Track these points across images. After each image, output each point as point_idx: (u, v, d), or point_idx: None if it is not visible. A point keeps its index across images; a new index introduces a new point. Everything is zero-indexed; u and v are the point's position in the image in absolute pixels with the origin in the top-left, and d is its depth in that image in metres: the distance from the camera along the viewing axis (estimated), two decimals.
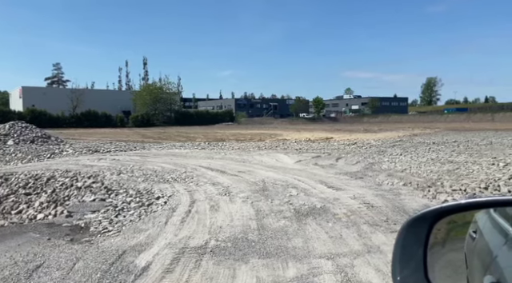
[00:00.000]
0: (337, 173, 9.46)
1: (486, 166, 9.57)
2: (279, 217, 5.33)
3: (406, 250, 1.14)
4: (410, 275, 1.11)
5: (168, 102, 62.14)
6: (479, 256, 1.46)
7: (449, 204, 1.17)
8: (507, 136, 22.00)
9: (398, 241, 1.15)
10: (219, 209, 5.98)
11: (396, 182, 7.76)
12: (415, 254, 1.12)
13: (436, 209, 1.16)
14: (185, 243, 4.39)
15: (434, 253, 1.25)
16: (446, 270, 1.43)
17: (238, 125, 58.15)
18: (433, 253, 1.23)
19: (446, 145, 17.16)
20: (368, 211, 5.50)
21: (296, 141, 21.57)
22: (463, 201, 1.20)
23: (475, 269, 1.41)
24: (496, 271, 1.27)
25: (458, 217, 1.42)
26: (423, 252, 1.13)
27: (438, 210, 1.16)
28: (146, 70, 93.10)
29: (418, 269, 1.10)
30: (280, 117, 78.89)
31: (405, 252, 1.14)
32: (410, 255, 1.13)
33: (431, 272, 1.12)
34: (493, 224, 1.46)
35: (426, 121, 59.94)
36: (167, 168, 10.80)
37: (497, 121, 52.58)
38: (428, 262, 1.13)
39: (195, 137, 26.15)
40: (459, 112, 74.83)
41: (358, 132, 32.64)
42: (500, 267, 1.27)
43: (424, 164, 10.51)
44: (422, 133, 28.54)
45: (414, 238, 1.15)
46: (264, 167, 10.80)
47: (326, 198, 6.38)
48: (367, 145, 18.41)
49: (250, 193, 7.11)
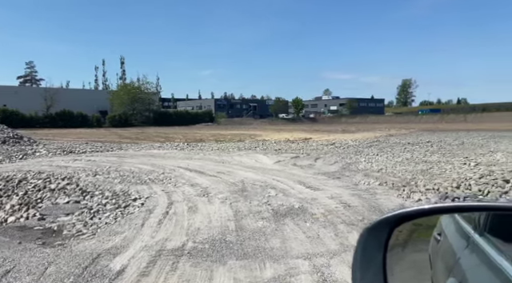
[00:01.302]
0: (315, 173, 9.56)
1: (458, 166, 9.89)
2: (258, 218, 5.34)
3: (366, 255, 1.13)
4: (371, 279, 1.11)
5: (146, 102, 61.20)
6: (443, 258, 1.48)
7: (409, 209, 1.16)
8: (478, 136, 22.83)
9: (359, 246, 1.14)
10: (197, 210, 5.93)
11: (372, 182, 7.91)
12: (375, 259, 1.11)
13: (396, 214, 1.16)
14: (162, 245, 4.33)
15: (395, 255, 1.26)
16: (409, 271, 1.45)
17: (217, 126, 57.89)
18: (394, 255, 1.23)
19: (421, 145, 17.63)
20: (345, 211, 5.59)
21: (275, 142, 21.66)
22: (424, 206, 1.22)
23: (439, 270, 1.44)
24: (458, 273, 1.30)
25: (423, 220, 1.45)
26: (383, 256, 1.12)
27: (398, 216, 1.16)
28: (123, 70, 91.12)
29: (378, 274, 1.11)
30: (260, 118, 79.04)
31: (365, 257, 1.13)
32: (371, 260, 1.12)
33: (390, 275, 1.13)
34: (456, 227, 1.48)
35: (401, 121, 61.45)
36: (145, 169, 10.64)
37: (469, 121, 54.49)
38: (388, 266, 1.13)
39: (174, 138, 25.85)
40: (433, 113, 77.11)
41: (336, 132, 33.10)
42: (462, 269, 1.30)
43: (399, 164, 10.76)
44: (397, 133, 29.23)
45: (375, 243, 1.14)
46: (243, 168, 10.80)
47: (304, 198, 6.44)
48: (345, 145, 18.69)
49: (228, 193, 7.09)
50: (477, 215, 1.34)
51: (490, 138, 20.62)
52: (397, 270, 1.28)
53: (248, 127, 51.60)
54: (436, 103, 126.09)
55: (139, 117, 59.72)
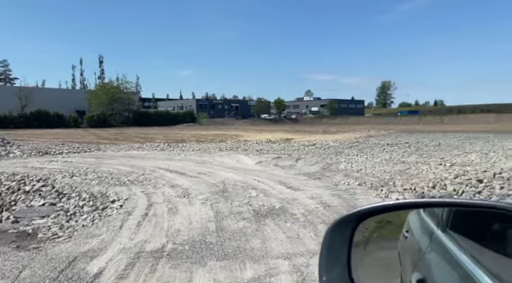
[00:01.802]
0: (296, 173, 9.62)
1: (434, 166, 10.16)
2: (238, 219, 5.34)
3: (331, 251, 1.14)
4: (336, 275, 1.13)
5: (126, 102, 60.10)
6: (410, 254, 1.52)
7: (370, 205, 1.17)
8: (454, 137, 23.53)
9: (324, 243, 1.15)
10: (177, 211, 5.87)
11: (352, 182, 8.03)
12: (340, 256, 1.13)
13: (359, 210, 1.17)
14: (140, 247, 4.26)
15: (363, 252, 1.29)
16: (379, 268, 1.48)
17: (199, 126, 57.49)
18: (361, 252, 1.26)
19: (399, 146, 18.03)
20: (325, 211, 5.65)
21: (257, 142, 21.70)
22: (385, 202, 1.23)
23: (406, 266, 1.48)
24: (423, 268, 1.34)
25: (394, 218, 1.48)
26: (348, 253, 1.14)
27: (361, 212, 1.17)
28: (102, 69, 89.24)
29: (343, 270, 1.12)
30: (242, 118, 78.98)
31: (331, 253, 1.14)
32: (336, 256, 1.13)
33: (355, 271, 1.14)
34: (421, 224, 1.52)
35: (381, 122, 62.62)
36: (124, 170, 10.46)
37: (445, 123, 56.02)
38: (355, 262, 1.15)
39: (154, 138, 25.52)
40: (411, 114, 78.84)
41: (318, 133, 33.43)
42: (426, 264, 1.35)
43: (378, 164, 10.97)
44: (377, 134, 29.77)
45: (340, 239, 1.15)
46: (225, 168, 10.77)
47: (284, 199, 6.47)
48: (326, 146, 18.90)
49: (209, 194, 7.05)
50: (440, 212, 1.38)
51: (465, 139, 21.29)
52: (364, 266, 1.31)
53: (230, 127, 51.49)
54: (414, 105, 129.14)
55: (118, 117, 58.63)
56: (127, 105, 60.78)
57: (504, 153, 12.70)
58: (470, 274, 0.98)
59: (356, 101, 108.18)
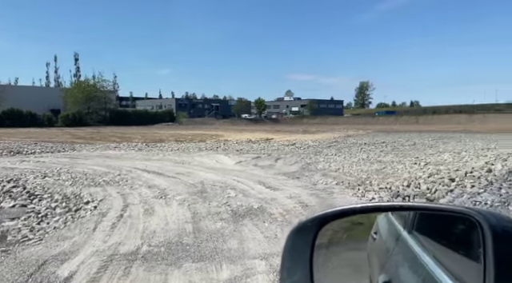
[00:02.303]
0: (275, 173, 9.64)
1: (409, 165, 10.40)
2: (216, 219, 5.29)
3: (294, 255, 1.12)
4: (298, 279, 1.12)
5: (102, 101, 58.75)
6: (377, 256, 1.52)
7: (334, 209, 1.16)
8: (428, 137, 24.17)
9: (286, 247, 1.13)
10: (154, 212, 5.77)
11: (330, 181, 8.11)
12: (303, 258, 1.11)
13: (323, 214, 1.16)
14: (114, 250, 4.16)
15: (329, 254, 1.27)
16: (347, 269, 1.48)
17: (178, 126, 56.86)
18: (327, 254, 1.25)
19: (376, 145, 18.37)
20: (303, 210, 5.68)
21: (237, 142, 21.64)
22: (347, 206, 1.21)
23: (374, 268, 1.48)
24: (389, 270, 1.34)
25: (363, 219, 1.49)
26: (310, 255, 1.12)
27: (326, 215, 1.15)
28: (77, 66, 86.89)
29: (306, 273, 1.11)
30: (222, 118, 78.62)
31: (293, 256, 1.12)
32: (299, 259, 1.11)
33: (320, 273, 1.13)
34: (389, 226, 1.53)
35: (359, 122, 63.67)
36: (99, 170, 10.21)
37: (420, 123, 57.54)
38: (319, 265, 1.14)
39: (132, 138, 25.05)
40: (388, 114, 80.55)
41: (297, 133, 33.66)
42: (393, 266, 1.35)
43: (355, 163, 11.13)
44: (355, 134, 30.25)
45: (303, 242, 1.12)
46: (204, 168, 10.68)
47: (263, 198, 6.47)
48: (305, 145, 19.04)
49: (187, 195, 6.97)
50: (406, 214, 1.38)
51: (439, 139, 21.90)
52: (333, 267, 1.30)
53: (210, 127, 51.16)
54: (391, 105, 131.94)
55: (95, 116, 57.24)
56: (104, 104, 59.41)
57: (475, 153, 13.13)
58: (433, 275, 0.99)
59: (335, 102, 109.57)
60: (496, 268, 0.74)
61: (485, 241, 0.79)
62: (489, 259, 0.76)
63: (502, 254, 0.76)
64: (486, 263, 0.76)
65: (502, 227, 0.82)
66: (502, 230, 0.81)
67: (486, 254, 0.77)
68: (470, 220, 0.86)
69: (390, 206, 1.40)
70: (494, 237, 0.78)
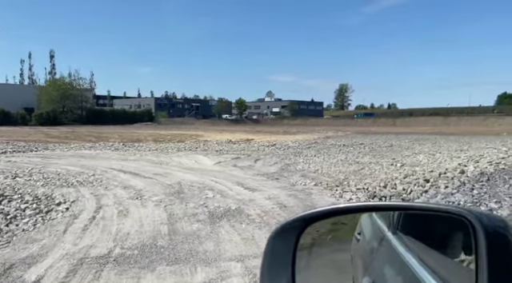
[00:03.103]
0: (255, 174, 9.60)
1: (386, 166, 10.56)
2: (193, 221, 5.19)
3: (275, 258, 1.07)
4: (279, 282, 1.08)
5: (78, 99, 57.27)
6: (361, 257, 1.49)
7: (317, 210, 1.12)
8: (405, 139, 24.69)
9: (267, 250, 1.08)
10: (128, 214, 5.62)
11: (308, 182, 8.13)
12: (285, 262, 1.06)
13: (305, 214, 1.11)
14: (85, 253, 4.01)
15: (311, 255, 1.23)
16: (330, 271, 1.44)
17: (157, 126, 56.05)
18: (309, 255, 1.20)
19: (354, 146, 18.61)
20: (281, 211, 5.65)
21: (217, 143, 21.49)
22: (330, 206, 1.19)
23: (358, 270, 1.45)
24: (373, 272, 1.31)
25: (347, 219, 1.45)
26: (292, 259, 1.07)
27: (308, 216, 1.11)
28: (53, 64, 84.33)
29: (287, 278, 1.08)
30: (202, 118, 78.05)
31: (274, 260, 1.07)
32: (280, 263, 1.07)
33: (303, 276, 1.10)
34: (373, 226, 1.49)
35: (338, 124, 64.51)
36: (73, 170, 9.91)
37: (397, 125, 58.82)
38: (300, 267, 1.09)
39: (108, 137, 24.49)
40: (367, 116, 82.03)
41: (278, 133, 33.77)
42: (376, 267, 1.32)
43: (334, 165, 11.23)
44: (334, 135, 30.59)
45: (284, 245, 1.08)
46: (182, 169, 10.52)
47: (241, 200, 6.41)
48: (285, 146, 19.10)
49: (163, 196, 6.83)
50: (391, 214, 1.35)
51: (415, 141, 22.39)
52: (316, 269, 1.26)
53: (190, 127, 50.67)
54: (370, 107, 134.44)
55: (70, 115, 55.78)
56: (80, 103, 57.95)
57: (449, 154, 13.47)
58: (418, 277, 0.97)
59: (315, 103, 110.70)
60: (489, 269, 0.71)
61: (477, 241, 0.76)
62: (482, 260, 0.73)
63: (495, 255, 0.73)
64: (479, 264, 0.74)
65: (495, 227, 0.79)
66: (495, 230, 0.78)
67: (479, 255, 0.74)
68: (460, 220, 0.83)
69: (376, 206, 1.37)
70: (488, 238, 0.75)
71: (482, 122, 54.26)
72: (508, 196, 7.45)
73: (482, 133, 31.86)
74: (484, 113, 68.68)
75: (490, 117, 58.00)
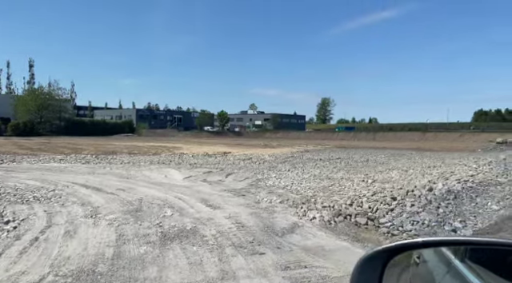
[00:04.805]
0: (222, 190, 9.35)
1: (357, 183, 10.48)
2: (142, 243, 4.91)
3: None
4: None
5: (57, 110, 56.02)
6: (423, 282, 1.47)
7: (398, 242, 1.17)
8: (382, 154, 24.89)
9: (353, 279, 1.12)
10: (76, 234, 5.29)
11: (274, 199, 7.94)
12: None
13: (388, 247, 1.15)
14: (14, 281, 3.68)
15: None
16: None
17: (137, 137, 55.21)
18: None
19: (331, 161, 18.59)
20: (238, 231, 5.42)
21: (193, 156, 21.15)
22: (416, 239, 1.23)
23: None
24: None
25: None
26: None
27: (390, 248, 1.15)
28: (32, 73, 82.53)
29: None
30: (184, 130, 77.45)
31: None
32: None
33: None
34: (436, 251, 1.47)
35: (320, 137, 64.92)
36: (33, 185, 9.45)
37: (377, 139, 59.57)
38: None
39: (83, 149, 23.81)
40: (347, 130, 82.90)
41: (258, 147, 33.63)
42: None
43: (306, 180, 11.09)
44: (313, 149, 30.64)
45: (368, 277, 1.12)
46: (149, 184, 10.19)
47: (200, 218, 6.15)
48: (261, 160, 18.93)
49: (120, 214, 6.51)
50: None
51: (391, 156, 22.58)
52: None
53: (170, 139, 50.04)
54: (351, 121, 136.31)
55: (48, 125, 54.46)
56: (59, 113, 56.68)
57: (421, 171, 13.54)
58: None
59: (298, 117, 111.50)
60: None
61: None
62: None
63: None
64: None
65: None
66: None
67: None
68: None
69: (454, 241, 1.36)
70: None
71: (458, 138, 55.53)
72: (473, 215, 7.43)
73: (458, 149, 32.52)
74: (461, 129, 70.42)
75: (466, 133, 59.41)
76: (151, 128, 74.50)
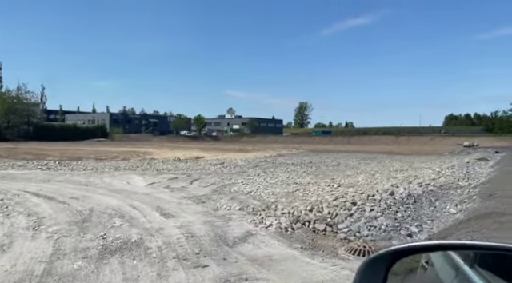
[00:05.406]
0: (183, 197, 9.05)
1: (323, 187, 10.40)
2: (79, 257, 4.57)
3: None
4: None
5: (25, 114, 54.02)
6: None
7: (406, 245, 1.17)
8: (354, 157, 25.14)
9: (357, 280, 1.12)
10: (9, 249, 4.89)
11: (234, 206, 7.71)
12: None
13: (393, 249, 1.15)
14: None
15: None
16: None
17: (110, 142, 53.86)
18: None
19: (302, 165, 18.56)
20: (186, 242, 5.16)
21: (163, 161, 20.68)
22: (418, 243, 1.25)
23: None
24: None
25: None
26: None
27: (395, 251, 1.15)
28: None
29: None
30: (160, 135, 76.24)
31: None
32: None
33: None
34: (444, 256, 1.46)
35: (296, 141, 65.31)
36: None
37: (352, 143, 60.47)
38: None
39: (47, 155, 22.88)
40: (324, 135, 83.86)
41: (232, 151, 33.38)
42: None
43: (272, 186, 10.93)
44: (288, 153, 30.66)
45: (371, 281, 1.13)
46: (107, 191, 9.76)
47: (149, 229, 5.85)
48: (233, 165, 18.70)
49: (65, 225, 6.12)
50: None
51: (362, 160, 22.81)
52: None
53: (144, 144, 49.07)
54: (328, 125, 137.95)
55: (16, 130, 52.41)
56: (27, 117, 54.66)
57: (388, 174, 13.67)
58: None
59: (276, 121, 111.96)
60: None
61: None
62: None
63: None
64: None
65: None
66: None
67: None
68: None
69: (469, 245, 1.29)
70: None
71: (429, 141, 57.08)
72: (430, 219, 7.44)
73: (427, 152, 33.31)
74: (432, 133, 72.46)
75: (437, 137, 61.18)
76: (125, 132, 72.99)
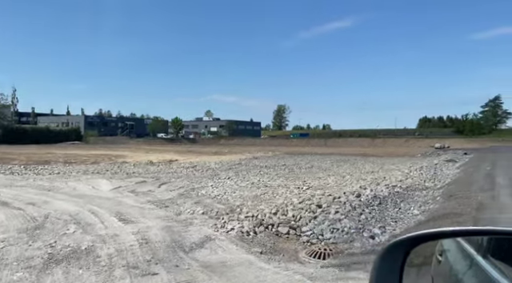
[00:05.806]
0: (147, 201, 8.81)
1: (292, 190, 10.37)
2: (21, 267, 4.31)
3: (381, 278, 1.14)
4: None
5: None
6: (445, 279, 1.50)
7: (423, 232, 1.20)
8: (328, 159, 25.35)
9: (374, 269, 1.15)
10: None
11: (197, 210, 7.55)
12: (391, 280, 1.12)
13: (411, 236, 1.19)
14: None
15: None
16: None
17: (84, 145, 52.39)
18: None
19: (275, 168, 18.53)
20: (139, 249, 4.97)
21: (135, 164, 20.23)
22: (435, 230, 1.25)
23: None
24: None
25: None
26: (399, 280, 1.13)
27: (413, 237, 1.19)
28: None
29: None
30: (136, 137, 74.82)
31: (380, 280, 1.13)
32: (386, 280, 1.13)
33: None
34: (458, 248, 1.48)
35: (274, 144, 65.40)
36: None
37: (328, 145, 61.07)
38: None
39: (13, 159, 21.96)
40: (302, 137, 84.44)
41: (208, 154, 33.06)
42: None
43: (241, 189, 10.81)
44: (263, 156, 30.62)
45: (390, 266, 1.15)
46: (69, 196, 9.39)
47: (103, 235, 5.62)
48: (206, 168, 18.47)
49: (15, 233, 5.80)
50: (479, 237, 1.36)
51: (335, 162, 23.00)
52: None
53: (119, 147, 47.96)
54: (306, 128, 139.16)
55: None
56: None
57: (358, 176, 13.80)
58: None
59: (254, 123, 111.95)
60: None
61: None
62: None
63: None
64: None
65: None
66: None
67: None
68: None
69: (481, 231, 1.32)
70: None
71: (404, 143, 58.37)
72: (394, 220, 7.50)
73: (400, 154, 34.02)
74: (407, 135, 74.20)
75: (411, 139, 62.69)
76: (101, 135, 71.24)
